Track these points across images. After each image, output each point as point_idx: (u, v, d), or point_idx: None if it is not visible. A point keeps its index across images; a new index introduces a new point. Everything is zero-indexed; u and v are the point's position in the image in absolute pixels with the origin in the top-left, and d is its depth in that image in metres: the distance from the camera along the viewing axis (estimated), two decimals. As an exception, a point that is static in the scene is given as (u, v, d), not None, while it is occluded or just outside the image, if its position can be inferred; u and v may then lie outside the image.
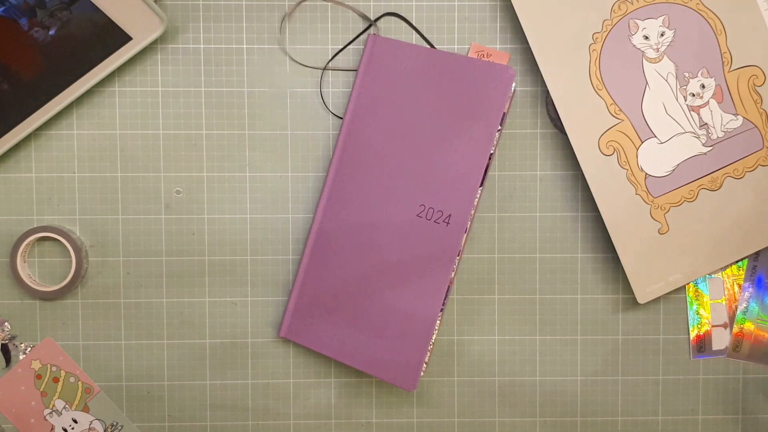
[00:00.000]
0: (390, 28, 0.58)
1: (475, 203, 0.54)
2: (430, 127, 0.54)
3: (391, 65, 0.54)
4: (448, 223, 0.53)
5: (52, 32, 0.53)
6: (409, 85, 0.54)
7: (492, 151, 0.53)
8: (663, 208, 0.57)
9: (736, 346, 0.60)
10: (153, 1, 0.54)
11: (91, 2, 0.51)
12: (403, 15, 0.58)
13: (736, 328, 0.59)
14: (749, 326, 0.59)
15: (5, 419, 0.59)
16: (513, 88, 0.54)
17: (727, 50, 0.56)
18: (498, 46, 0.58)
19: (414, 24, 0.56)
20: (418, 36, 0.56)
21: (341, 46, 0.57)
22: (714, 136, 0.57)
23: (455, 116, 0.54)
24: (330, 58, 0.56)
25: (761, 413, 0.60)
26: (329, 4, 0.58)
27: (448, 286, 0.54)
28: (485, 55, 0.54)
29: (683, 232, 0.57)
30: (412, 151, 0.54)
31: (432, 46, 0.54)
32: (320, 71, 0.57)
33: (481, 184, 0.54)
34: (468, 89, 0.53)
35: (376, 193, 0.55)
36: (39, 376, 0.59)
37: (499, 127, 0.53)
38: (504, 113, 0.53)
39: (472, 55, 0.55)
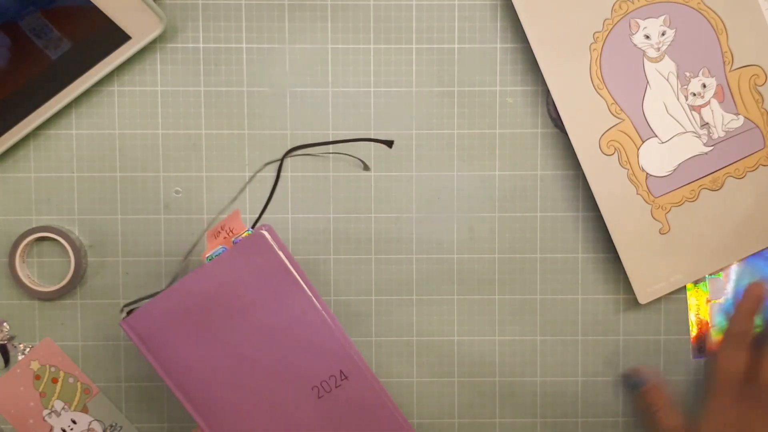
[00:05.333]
0: (390, 37, 0.58)
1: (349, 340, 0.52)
2: (253, 331, 0.50)
3: (166, 322, 0.50)
4: (345, 377, 0.51)
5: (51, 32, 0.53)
6: (199, 321, 0.50)
7: (317, 303, 0.50)
8: (664, 208, 0.57)
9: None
10: (152, 1, 0.54)
11: (90, 1, 0.51)
12: (403, 15, 0.57)
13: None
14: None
15: (4, 420, 0.58)
16: (271, 238, 0.50)
17: (728, 50, 0.56)
18: (498, 46, 0.58)
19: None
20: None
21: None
22: (715, 136, 0.57)
23: (259, 305, 0.50)
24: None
25: (763, 414, 0.60)
26: (329, 3, 0.58)
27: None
28: (220, 230, 0.51)
29: (684, 232, 0.57)
30: (260, 362, 0.50)
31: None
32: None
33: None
34: (245, 279, 0.50)
35: (270, 421, 0.51)
36: (38, 377, 0.58)
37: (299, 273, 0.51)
38: (293, 273, 0.50)
39: (209, 242, 0.51)
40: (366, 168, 0.58)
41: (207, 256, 0.50)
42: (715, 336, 0.58)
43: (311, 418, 0.51)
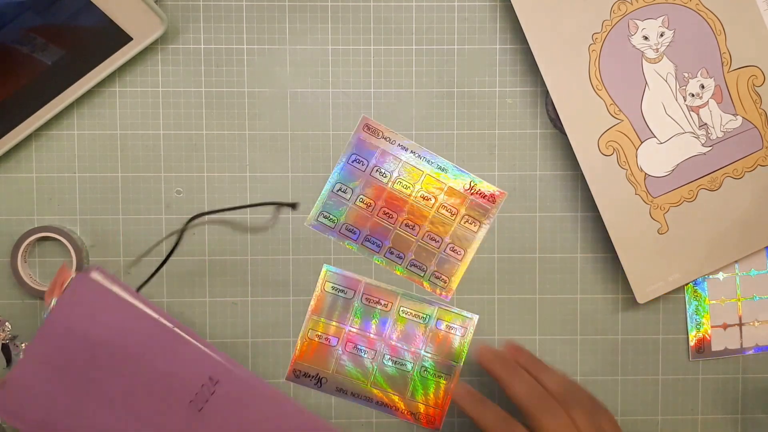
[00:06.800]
0: (390, 38, 0.58)
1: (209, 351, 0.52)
2: (110, 370, 0.50)
3: (28, 400, 0.49)
4: (217, 382, 0.51)
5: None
6: (58, 378, 0.49)
7: (165, 321, 0.50)
8: (662, 208, 0.57)
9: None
10: (153, 2, 0.54)
11: (92, 2, 0.51)
12: (403, 16, 0.58)
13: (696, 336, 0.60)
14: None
15: (5, 419, 0.59)
16: (99, 275, 0.50)
17: (727, 50, 0.56)
18: (498, 47, 0.58)
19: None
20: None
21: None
22: (713, 137, 0.57)
23: (109, 344, 0.50)
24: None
25: (761, 413, 0.60)
26: (329, 4, 0.58)
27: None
28: (53, 288, 0.50)
29: (683, 232, 0.57)
30: (128, 401, 0.50)
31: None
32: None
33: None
34: (90, 320, 0.49)
35: None
36: (39, 376, 0.59)
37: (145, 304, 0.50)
38: (129, 302, 0.49)
39: (49, 301, 0.50)
40: (294, 208, 0.58)
41: (44, 315, 0.49)
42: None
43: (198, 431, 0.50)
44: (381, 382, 0.59)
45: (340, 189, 0.58)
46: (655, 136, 0.56)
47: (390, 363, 0.59)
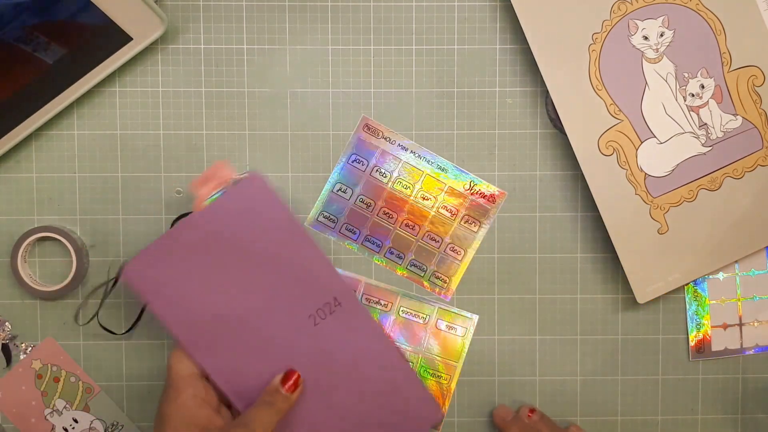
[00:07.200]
0: (390, 38, 0.58)
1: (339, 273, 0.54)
2: (250, 270, 0.52)
3: (164, 268, 0.51)
4: (339, 303, 0.53)
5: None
6: (197, 264, 0.51)
7: (309, 237, 0.53)
8: (662, 208, 0.57)
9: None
10: (153, 2, 0.54)
11: (92, 3, 0.51)
12: (403, 16, 0.58)
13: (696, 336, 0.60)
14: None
15: (6, 419, 0.59)
16: (267, 181, 0.52)
17: (727, 50, 0.56)
18: (498, 47, 0.58)
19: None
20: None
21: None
22: (713, 137, 0.57)
23: (257, 245, 0.52)
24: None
25: (760, 413, 0.60)
26: (329, 4, 0.58)
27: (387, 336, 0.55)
28: (210, 178, 0.52)
29: (683, 232, 0.57)
30: (257, 299, 0.52)
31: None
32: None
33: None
34: (242, 221, 0.52)
35: (270, 353, 0.52)
36: (40, 376, 0.59)
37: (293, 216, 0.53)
38: (286, 209, 0.52)
39: (199, 191, 0.52)
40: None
41: (206, 200, 0.51)
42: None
43: (308, 346, 0.53)
44: (381, 382, 0.59)
45: (340, 189, 0.58)
46: (655, 136, 0.56)
47: (390, 363, 0.59)
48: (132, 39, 0.55)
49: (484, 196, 0.59)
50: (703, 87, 0.56)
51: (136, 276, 0.51)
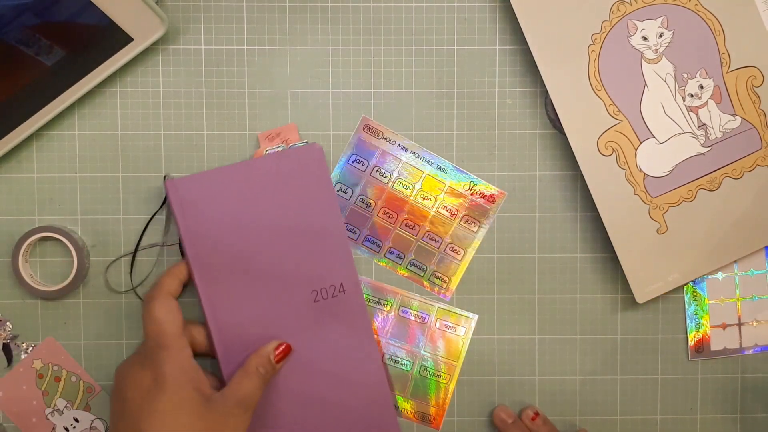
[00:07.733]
0: (390, 39, 0.58)
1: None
2: (278, 228, 0.55)
3: (205, 196, 0.54)
4: (344, 291, 0.55)
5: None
6: (234, 204, 0.54)
7: (342, 222, 0.56)
8: (661, 208, 0.57)
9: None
10: (154, 2, 0.54)
11: (92, 3, 0.51)
12: (403, 16, 0.58)
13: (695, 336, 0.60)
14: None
15: (7, 418, 0.59)
16: (324, 160, 0.56)
17: (726, 51, 0.56)
18: (497, 47, 0.58)
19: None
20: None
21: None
22: (712, 137, 0.57)
23: (293, 207, 0.55)
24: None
25: (760, 413, 0.60)
26: (329, 5, 0.58)
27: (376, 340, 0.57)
28: (276, 136, 0.56)
29: (682, 232, 0.57)
30: (273, 256, 0.55)
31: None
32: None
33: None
34: (289, 181, 0.55)
35: (265, 309, 0.55)
36: (40, 376, 0.59)
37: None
38: (331, 186, 0.56)
39: (262, 143, 0.57)
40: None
41: (267, 149, 0.55)
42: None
43: (302, 317, 0.55)
44: (381, 381, 0.59)
45: (340, 189, 0.59)
46: (655, 137, 0.57)
47: (390, 363, 0.59)
48: (133, 39, 0.55)
49: (483, 196, 0.59)
50: (702, 87, 0.56)
51: (177, 191, 0.54)
